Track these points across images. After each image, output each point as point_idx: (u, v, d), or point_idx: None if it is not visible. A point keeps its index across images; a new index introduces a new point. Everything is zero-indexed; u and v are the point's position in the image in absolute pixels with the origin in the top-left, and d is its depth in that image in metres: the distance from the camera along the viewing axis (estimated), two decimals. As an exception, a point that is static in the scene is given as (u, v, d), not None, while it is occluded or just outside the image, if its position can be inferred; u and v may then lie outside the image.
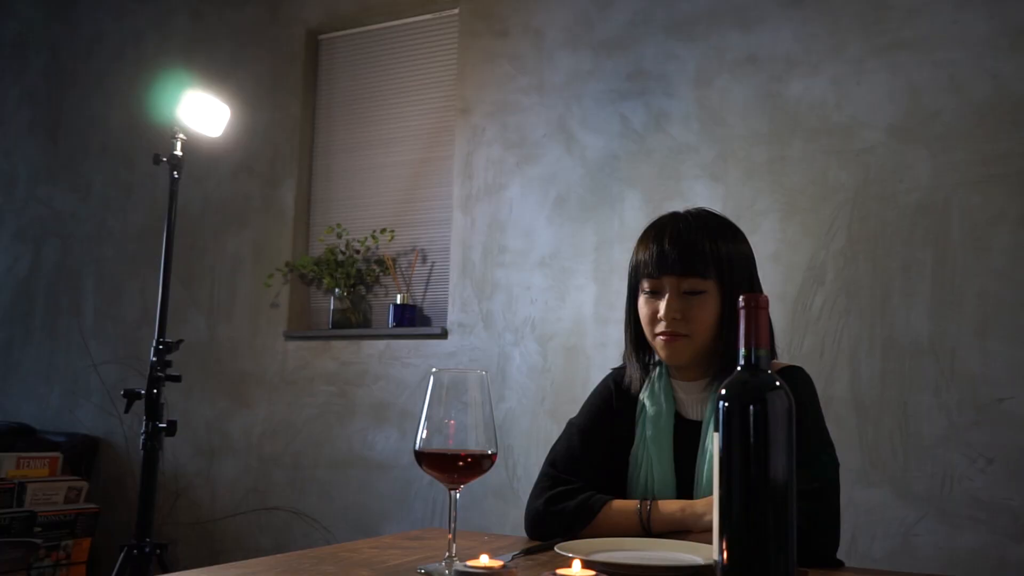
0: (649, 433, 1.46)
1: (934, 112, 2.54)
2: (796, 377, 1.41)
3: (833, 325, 2.60)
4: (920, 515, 2.41)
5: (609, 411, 1.53)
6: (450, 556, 1.13)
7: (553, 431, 2.94)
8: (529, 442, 2.99)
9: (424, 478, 3.16)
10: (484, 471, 1.12)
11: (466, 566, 1.01)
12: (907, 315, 2.50)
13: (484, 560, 1.04)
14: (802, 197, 2.68)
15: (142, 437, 2.40)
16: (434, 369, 1.13)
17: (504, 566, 1.02)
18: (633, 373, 1.51)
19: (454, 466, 1.10)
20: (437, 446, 1.11)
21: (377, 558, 1.25)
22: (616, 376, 1.56)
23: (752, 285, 1.45)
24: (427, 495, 3.16)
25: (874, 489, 2.46)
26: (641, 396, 1.50)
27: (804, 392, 1.40)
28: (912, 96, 2.58)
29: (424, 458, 1.11)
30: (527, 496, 1.48)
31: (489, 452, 1.11)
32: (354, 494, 3.30)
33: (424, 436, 1.11)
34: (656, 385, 1.49)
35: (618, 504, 1.39)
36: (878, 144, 2.60)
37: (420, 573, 1.13)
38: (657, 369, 1.51)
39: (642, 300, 1.44)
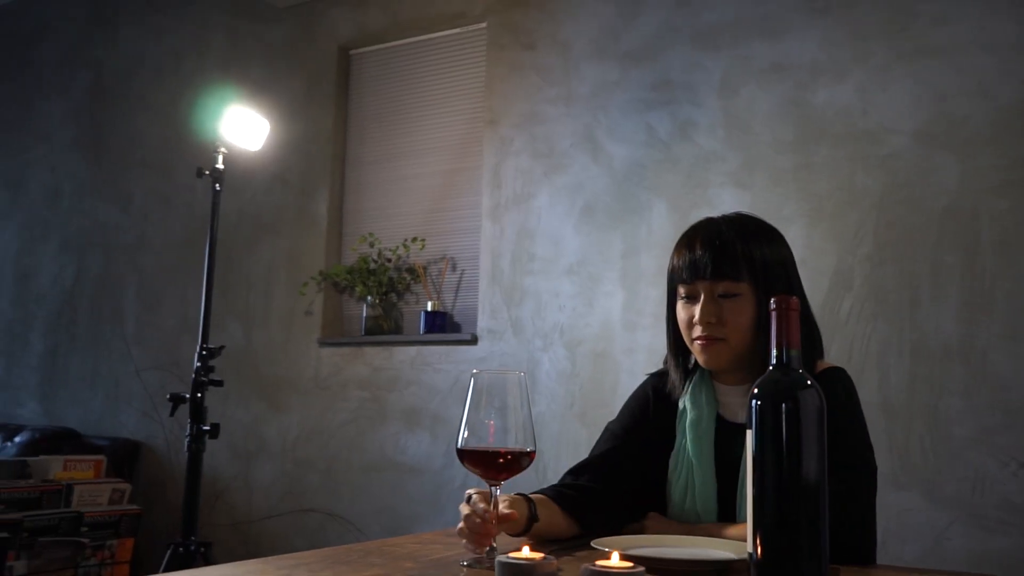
0: (689, 437, 1.46)
1: (961, 117, 2.56)
2: (836, 378, 1.41)
3: (861, 329, 2.62)
4: (951, 519, 2.42)
5: (645, 416, 1.54)
6: (492, 548, 1.18)
7: (582, 435, 3.00)
8: (559, 446, 3.04)
9: (455, 481, 3.22)
10: (523, 468, 1.17)
11: (508, 557, 1.05)
12: (936, 319, 2.52)
13: (526, 552, 1.08)
14: (828, 203, 2.71)
15: (187, 439, 2.49)
16: (475, 371, 1.18)
17: (545, 558, 1.05)
18: (675, 378, 1.52)
19: (494, 463, 1.15)
20: (478, 444, 1.16)
21: (420, 552, 1.30)
22: (655, 381, 1.57)
23: (790, 287, 1.44)
24: (458, 498, 3.20)
25: (904, 493, 2.48)
26: (681, 400, 1.51)
27: (843, 393, 1.40)
28: (938, 102, 2.60)
29: (466, 455, 1.16)
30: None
31: (528, 450, 1.16)
32: (387, 497, 3.37)
33: (465, 435, 1.16)
34: (697, 389, 1.50)
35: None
36: (904, 150, 2.63)
37: (463, 565, 1.18)
38: (698, 373, 1.51)
39: (679, 305, 1.46)
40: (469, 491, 1.22)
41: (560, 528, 1.40)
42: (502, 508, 1.22)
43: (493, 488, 1.18)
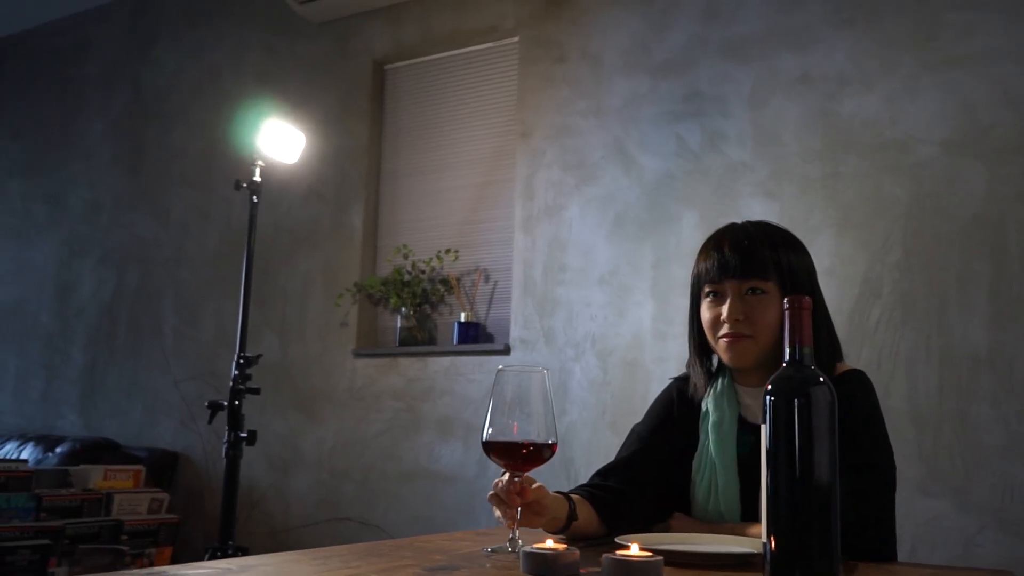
0: (712, 438, 1.49)
1: (988, 126, 2.58)
2: (855, 380, 1.44)
3: (890, 337, 2.63)
4: (981, 525, 2.42)
5: (670, 419, 1.58)
6: (513, 538, 1.23)
7: (613, 443, 3.01)
8: (590, 454, 3.07)
9: (489, 489, 3.25)
10: (545, 460, 1.23)
11: (533, 548, 1.10)
12: (964, 326, 2.53)
13: (549, 543, 1.12)
14: (856, 212, 2.73)
15: (224, 446, 2.55)
16: (500, 367, 1.24)
17: (567, 548, 1.10)
18: (697, 380, 1.56)
19: (518, 454, 1.22)
20: (503, 438, 1.22)
21: (450, 547, 1.35)
22: (679, 385, 1.61)
23: (812, 292, 1.47)
24: (491, 509, 3.25)
25: (933, 500, 2.48)
26: (704, 403, 1.54)
27: (861, 394, 1.43)
28: (966, 111, 2.61)
29: (492, 447, 1.23)
30: None
31: (550, 442, 1.22)
32: (421, 505, 3.41)
33: (490, 429, 1.22)
34: (719, 392, 1.52)
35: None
36: (932, 159, 2.64)
37: (487, 552, 1.23)
38: (720, 376, 1.54)
39: (704, 305, 1.49)
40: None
41: (594, 528, 1.44)
42: (535, 497, 1.28)
43: (517, 477, 1.24)
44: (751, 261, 1.44)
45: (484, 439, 1.23)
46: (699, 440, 1.53)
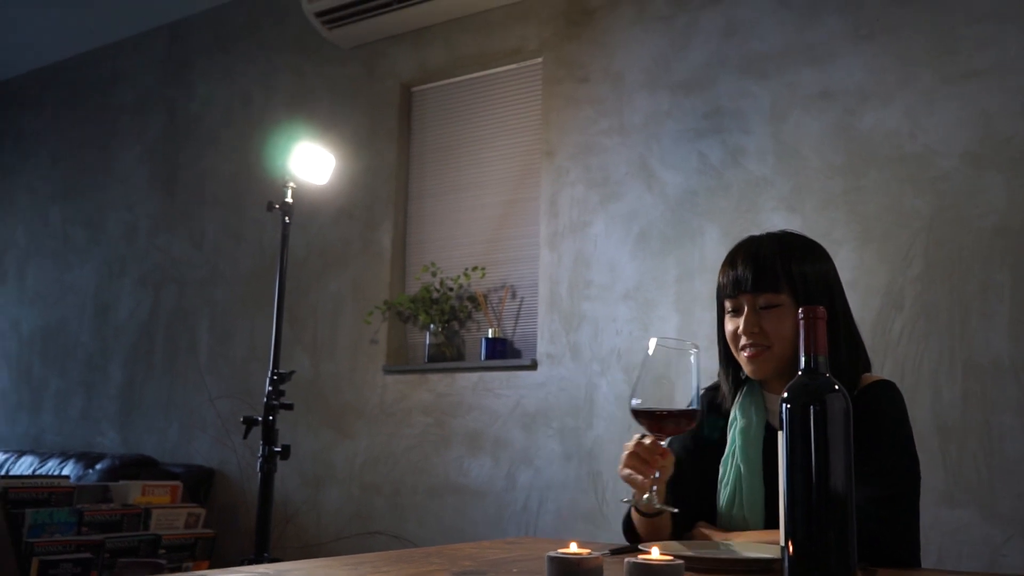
0: (739, 443, 1.53)
1: (1008, 137, 2.60)
2: (881, 389, 1.48)
3: (913, 349, 2.65)
4: (1007, 535, 2.43)
5: (700, 430, 1.62)
6: (651, 494, 1.37)
7: (640, 457, 3.06)
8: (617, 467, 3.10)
9: (517, 503, 3.30)
10: (683, 429, 1.37)
11: (556, 553, 1.15)
12: (987, 337, 2.54)
13: (573, 547, 1.17)
14: (878, 224, 2.76)
15: (259, 460, 2.62)
16: (653, 339, 1.39)
17: (591, 553, 1.14)
18: (725, 389, 1.61)
19: (665, 418, 1.36)
20: (650, 406, 1.36)
21: (478, 554, 1.40)
22: (709, 395, 1.65)
23: (831, 300, 1.50)
24: (520, 520, 3.30)
25: (959, 510, 2.50)
26: (732, 410, 1.59)
27: (887, 403, 1.46)
28: (985, 123, 2.64)
29: (640, 415, 1.36)
30: (617, 521, 1.62)
31: (692, 408, 1.35)
32: (451, 519, 3.47)
33: (638, 399, 1.37)
34: (747, 399, 1.57)
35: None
36: (953, 171, 2.67)
37: (624, 501, 1.41)
38: (747, 384, 1.59)
39: (726, 319, 1.55)
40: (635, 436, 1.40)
41: (667, 526, 1.52)
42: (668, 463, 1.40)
43: (660, 441, 1.38)
44: (763, 275, 1.49)
45: (632, 407, 1.37)
46: (727, 443, 1.57)
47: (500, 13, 3.70)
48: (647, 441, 1.38)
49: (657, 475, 1.37)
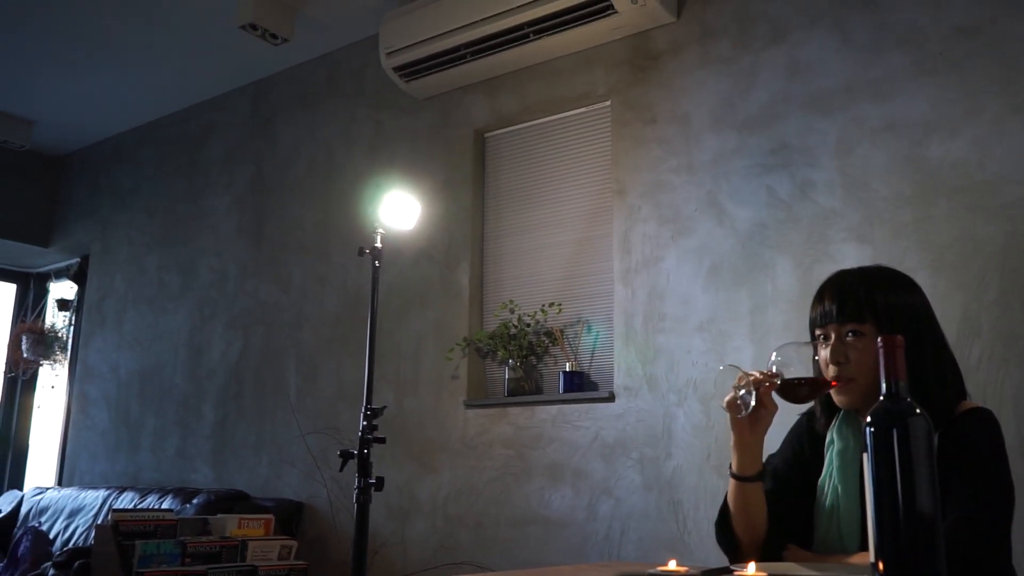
0: (836, 465, 1.60)
1: (1078, 164, 2.63)
2: (975, 417, 1.54)
3: (994, 374, 2.68)
4: (1095, 559, 2.43)
5: (802, 450, 1.71)
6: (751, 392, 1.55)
7: (719, 485, 3.12)
8: (697, 497, 3.17)
9: (599, 533, 3.38)
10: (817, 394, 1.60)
11: (658, 570, 1.24)
12: (1065, 361, 2.56)
13: (672, 565, 1.27)
14: (950, 253, 2.81)
15: (355, 491, 2.76)
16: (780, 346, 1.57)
17: (688, 571, 1.24)
18: (819, 415, 1.70)
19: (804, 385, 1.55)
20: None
21: (578, 574, 1.50)
22: (807, 419, 1.75)
23: (917, 330, 1.56)
24: (602, 549, 3.37)
25: (1045, 533, 2.50)
26: (829, 433, 1.66)
27: (979, 430, 1.52)
28: (1054, 150, 2.68)
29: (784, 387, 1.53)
30: (697, 549, 1.71)
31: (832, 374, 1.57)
32: (533, 550, 3.56)
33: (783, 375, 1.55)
34: (843, 423, 1.64)
35: None
36: (1023, 198, 2.71)
37: (721, 368, 1.59)
38: (844, 409, 1.66)
39: (818, 348, 1.64)
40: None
41: (761, 516, 1.60)
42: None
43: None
44: (846, 306, 1.59)
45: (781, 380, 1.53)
46: (823, 468, 1.64)
47: (568, 60, 3.86)
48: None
49: (759, 380, 1.52)
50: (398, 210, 3.06)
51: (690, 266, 3.35)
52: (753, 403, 1.50)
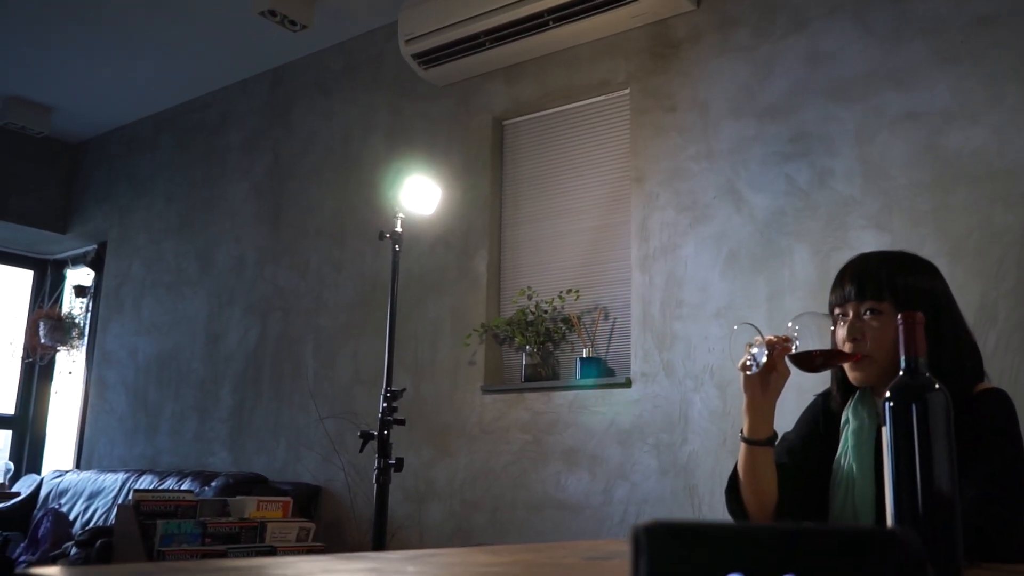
0: (852, 443, 1.61)
1: (1098, 153, 2.64)
2: (991, 397, 1.55)
3: (1010, 361, 2.70)
4: (1111, 545, 2.45)
5: (817, 428, 1.72)
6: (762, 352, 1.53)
7: (735, 471, 3.15)
8: (713, 482, 3.20)
9: (614, 517, 3.42)
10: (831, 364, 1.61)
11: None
12: (1083, 348, 2.58)
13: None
14: (968, 241, 2.82)
15: (375, 472, 2.80)
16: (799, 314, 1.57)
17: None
18: (836, 394, 1.71)
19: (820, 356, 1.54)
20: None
21: (600, 548, 1.53)
22: (823, 399, 1.76)
23: (937, 313, 1.56)
24: (618, 533, 3.41)
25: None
26: (845, 412, 1.67)
27: (995, 410, 1.53)
28: (1074, 139, 2.69)
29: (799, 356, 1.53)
30: None
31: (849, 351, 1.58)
32: (549, 534, 3.59)
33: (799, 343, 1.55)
34: (859, 402, 1.66)
35: None
36: (1042, 187, 2.72)
37: (736, 327, 1.55)
38: (860, 389, 1.67)
39: (837, 327, 1.64)
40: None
41: (770, 480, 1.62)
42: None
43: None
44: (866, 285, 1.60)
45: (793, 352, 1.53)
46: (839, 443, 1.66)
47: (587, 48, 3.88)
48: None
49: (774, 341, 1.52)
50: (419, 194, 3.09)
51: (708, 253, 3.37)
52: (764, 360, 1.51)
